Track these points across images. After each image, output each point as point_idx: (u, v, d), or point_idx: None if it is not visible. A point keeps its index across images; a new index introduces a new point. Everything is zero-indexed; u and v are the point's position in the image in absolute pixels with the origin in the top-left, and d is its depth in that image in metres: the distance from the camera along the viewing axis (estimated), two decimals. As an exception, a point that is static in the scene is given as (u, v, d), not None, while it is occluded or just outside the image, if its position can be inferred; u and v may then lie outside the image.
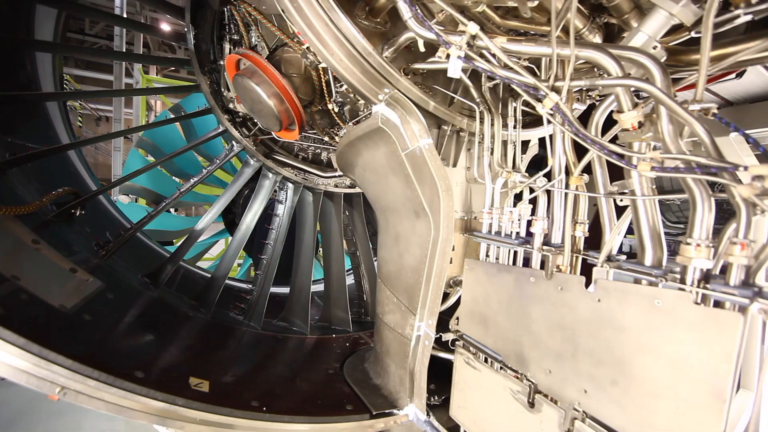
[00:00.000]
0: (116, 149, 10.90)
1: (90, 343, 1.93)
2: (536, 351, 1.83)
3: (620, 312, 1.46)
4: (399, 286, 2.64)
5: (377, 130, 2.16)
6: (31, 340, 1.55)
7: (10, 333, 1.49)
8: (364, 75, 1.99)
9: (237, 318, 3.76)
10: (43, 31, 3.98)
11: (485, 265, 2.21)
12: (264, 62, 2.47)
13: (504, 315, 2.03)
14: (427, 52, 2.12)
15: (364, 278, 4.64)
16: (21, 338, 1.52)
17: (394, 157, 2.22)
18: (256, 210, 4.11)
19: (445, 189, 2.17)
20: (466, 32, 1.52)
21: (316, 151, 4.44)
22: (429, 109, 2.10)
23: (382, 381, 2.88)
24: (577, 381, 1.62)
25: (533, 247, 1.93)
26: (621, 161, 1.47)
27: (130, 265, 3.42)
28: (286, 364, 3.02)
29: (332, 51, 1.91)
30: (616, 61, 1.40)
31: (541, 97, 1.54)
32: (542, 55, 1.55)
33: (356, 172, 2.85)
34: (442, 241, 2.25)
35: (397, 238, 2.64)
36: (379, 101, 2.08)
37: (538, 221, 1.90)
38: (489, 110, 2.22)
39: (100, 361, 1.75)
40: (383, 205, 2.76)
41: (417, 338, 2.47)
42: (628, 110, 1.46)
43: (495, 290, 2.10)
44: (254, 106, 2.71)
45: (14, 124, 3.34)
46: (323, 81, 2.71)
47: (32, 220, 2.45)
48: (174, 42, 4.10)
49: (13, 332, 1.50)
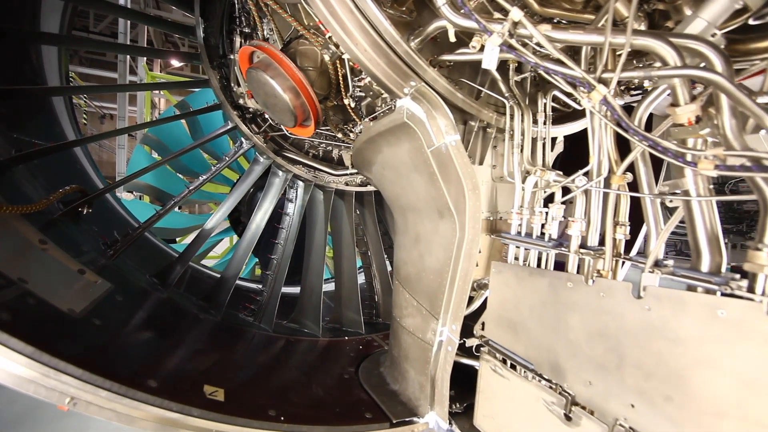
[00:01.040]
0: (120, 147, 10.84)
1: (100, 349, 1.84)
2: (574, 361, 1.72)
3: (675, 322, 1.35)
4: (419, 289, 2.53)
5: (401, 125, 2.05)
6: (40, 348, 1.45)
7: (17, 341, 1.40)
8: (390, 66, 1.87)
9: (247, 319, 3.67)
10: (49, 25, 3.88)
11: (514, 268, 2.09)
12: (280, 54, 2.36)
13: (537, 321, 1.92)
14: (453, 43, 2.01)
15: (375, 278, 4.53)
16: (29, 347, 1.42)
17: (419, 154, 2.10)
18: (266, 209, 4.01)
19: (472, 188, 2.05)
20: (508, 19, 1.40)
21: (327, 148, 4.33)
22: (457, 103, 1.99)
23: (400, 387, 2.78)
24: (623, 395, 1.51)
25: (569, 250, 1.82)
26: (677, 159, 1.35)
27: (138, 265, 3.33)
28: (300, 369, 2.92)
29: (356, 41, 1.80)
30: (676, 50, 1.28)
31: (588, 90, 1.42)
32: (591, 43, 1.43)
33: (374, 170, 2.74)
34: (467, 242, 2.14)
35: (418, 239, 2.53)
36: (405, 95, 1.96)
37: (575, 222, 1.78)
38: (519, 105, 2.10)
39: (112, 370, 1.65)
40: (403, 204, 2.65)
41: (439, 344, 2.37)
42: (686, 103, 1.34)
43: (526, 295, 1.98)
44: (268, 101, 2.60)
45: (20, 120, 3.24)
46: (340, 74, 2.59)
47: (39, 219, 2.35)
48: (182, 35, 3.99)
49: (20, 340, 1.40)
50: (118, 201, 4.40)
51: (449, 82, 1.92)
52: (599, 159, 1.67)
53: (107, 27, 15.37)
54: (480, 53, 1.69)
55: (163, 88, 9.78)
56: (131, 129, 5.80)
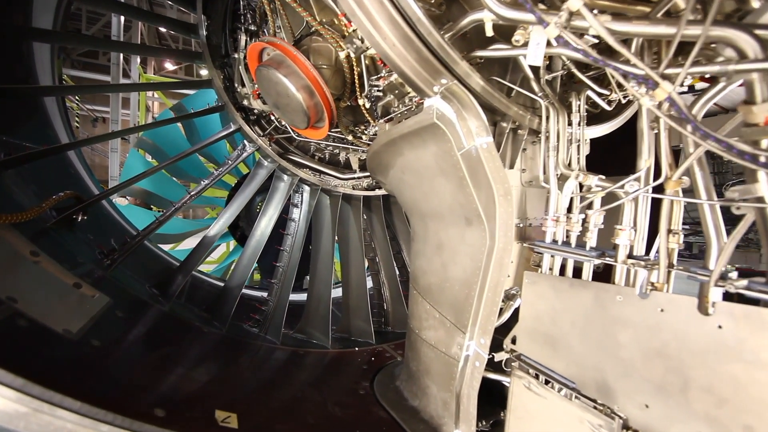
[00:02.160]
0: (113, 150, 10.55)
1: (100, 375, 1.65)
2: (627, 381, 1.57)
3: (755, 343, 1.21)
4: (443, 300, 2.38)
5: (429, 127, 1.90)
6: (31, 379, 1.26)
7: (5, 373, 1.21)
8: (420, 62, 1.73)
9: (252, 331, 3.48)
10: (42, 24, 3.67)
11: (551, 279, 1.95)
12: (294, 51, 2.20)
13: (580, 337, 1.77)
14: (482, 40, 1.87)
15: (384, 285, 4.37)
16: (18, 378, 1.23)
17: (447, 158, 1.96)
18: (271, 215, 3.83)
19: (503, 193, 1.91)
20: (564, 8, 1.26)
21: (334, 152, 4.17)
22: (492, 102, 1.85)
23: (421, 403, 2.62)
24: (690, 421, 1.36)
25: (616, 260, 1.68)
26: (753, 163, 1.22)
27: (135, 273, 3.12)
28: (313, 385, 2.74)
29: (384, 34, 1.65)
30: (760, 42, 1.15)
31: (652, 88, 1.28)
32: (658, 36, 1.30)
33: (391, 174, 2.58)
34: (498, 251, 2.00)
35: (440, 247, 2.38)
36: (434, 93, 1.81)
37: (624, 231, 1.64)
38: (553, 105, 1.97)
39: (114, 399, 1.46)
40: (423, 210, 2.50)
41: (465, 358, 2.21)
42: (763, 101, 1.21)
43: (567, 308, 1.84)
44: (279, 101, 2.44)
45: (10, 122, 3.03)
46: (356, 73, 2.44)
47: (30, 228, 2.16)
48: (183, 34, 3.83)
49: (8, 372, 1.21)
50: (113, 207, 4.18)
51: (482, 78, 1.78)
52: (655, 162, 1.54)
53: (100, 30, 15.02)
54: (522, 48, 1.55)
55: (162, 89, 9.55)
56: (130, 131, 5.58)
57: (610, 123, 2.41)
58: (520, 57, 1.87)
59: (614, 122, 2.42)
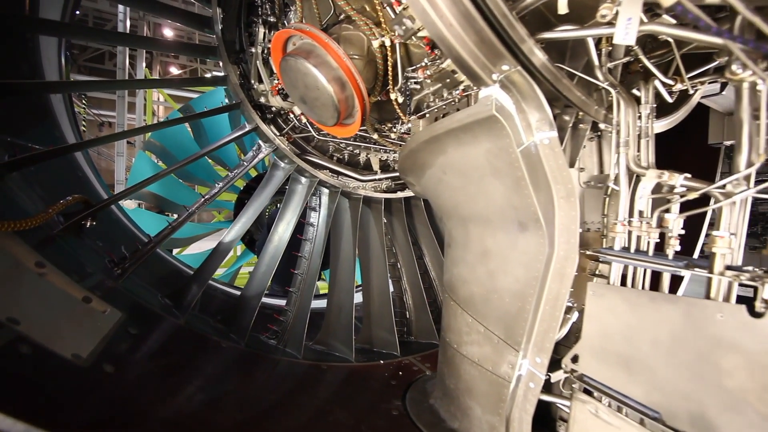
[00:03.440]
0: (119, 154, 10.42)
1: (116, 408, 1.42)
2: (733, 416, 1.33)
3: None
4: (489, 313, 2.15)
5: (485, 120, 1.68)
6: (35, 422, 1.04)
7: (4, 418, 0.99)
8: (479, 45, 1.50)
9: (270, 343, 3.25)
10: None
11: (624, 292, 1.71)
12: (326, 38, 1.99)
13: (665, 360, 1.53)
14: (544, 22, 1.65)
15: (406, 293, 4.13)
16: (19, 423, 1.01)
17: (503, 155, 1.73)
18: (288, 219, 3.61)
19: (565, 195, 1.69)
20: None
21: (354, 152, 3.96)
22: (560, 88, 1.62)
23: (461, 425, 2.38)
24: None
25: (711, 272, 1.44)
26: None
27: (146, 282, 2.92)
28: (342, 405, 2.51)
29: (441, 12, 1.43)
30: None
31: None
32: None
33: (428, 174, 2.36)
34: (559, 259, 1.77)
35: (486, 254, 2.15)
36: (493, 82, 1.59)
37: (722, 238, 1.41)
38: (623, 96, 1.74)
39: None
40: (465, 214, 2.27)
41: (518, 378, 1.98)
42: None
43: (646, 326, 1.60)
44: (307, 94, 2.22)
45: (15, 122, 2.85)
46: (389, 63, 2.23)
47: (35, 236, 1.95)
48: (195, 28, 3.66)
49: (7, 416, 0.99)
50: (123, 212, 3.99)
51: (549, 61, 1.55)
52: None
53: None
54: (606, 27, 1.33)
55: (175, 86, 9.35)
56: (139, 131, 5.41)
57: (672, 116, 2.17)
58: (588, 39, 1.64)
59: (677, 116, 2.18)
